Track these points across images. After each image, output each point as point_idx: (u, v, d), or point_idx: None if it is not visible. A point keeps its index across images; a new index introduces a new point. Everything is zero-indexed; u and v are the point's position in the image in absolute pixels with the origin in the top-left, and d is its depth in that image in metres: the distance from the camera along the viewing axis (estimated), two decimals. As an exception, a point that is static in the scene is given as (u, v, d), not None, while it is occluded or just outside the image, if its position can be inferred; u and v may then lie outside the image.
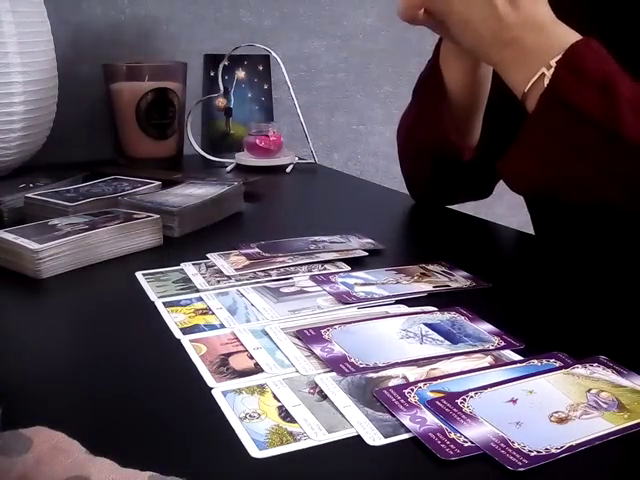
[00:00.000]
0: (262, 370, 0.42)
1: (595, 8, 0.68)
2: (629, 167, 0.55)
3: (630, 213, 0.59)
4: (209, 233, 0.73)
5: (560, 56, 0.56)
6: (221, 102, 1.23)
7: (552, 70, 0.56)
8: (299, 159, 1.14)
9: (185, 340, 0.46)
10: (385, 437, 0.35)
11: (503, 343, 0.46)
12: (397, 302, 0.53)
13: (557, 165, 0.58)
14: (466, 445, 0.34)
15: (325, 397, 0.39)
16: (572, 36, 0.58)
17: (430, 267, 0.61)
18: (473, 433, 0.35)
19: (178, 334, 0.47)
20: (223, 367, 0.42)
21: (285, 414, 0.37)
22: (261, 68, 1.27)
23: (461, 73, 0.73)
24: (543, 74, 0.57)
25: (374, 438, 0.35)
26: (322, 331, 0.47)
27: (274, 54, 1.19)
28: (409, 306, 0.52)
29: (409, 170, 0.86)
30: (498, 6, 0.58)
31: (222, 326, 0.48)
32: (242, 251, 0.64)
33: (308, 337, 0.46)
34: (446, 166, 0.77)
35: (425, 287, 0.56)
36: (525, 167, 0.60)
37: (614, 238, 0.68)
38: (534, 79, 0.57)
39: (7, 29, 0.86)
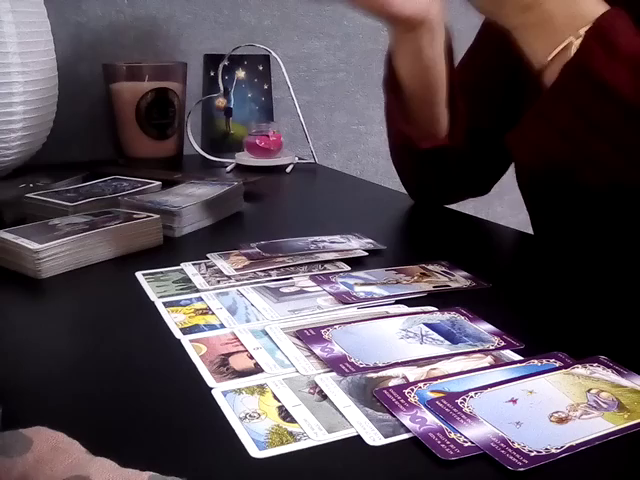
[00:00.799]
0: (262, 370, 0.42)
1: None
2: None
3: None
4: (209, 233, 0.73)
5: (590, 25, 0.52)
6: (221, 102, 1.23)
7: (580, 40, 0.52)
8: (299, 159, 1.15)
9: (185, 340, 0.46)
10: (385, 437, 0.35)
11: (503, 343, 0.46)
12: (397, 302, 0.53)
13: (577, 141, 0.55)
14: (466, 445, 0.34)
15: (325, 397, 0.39)
16: (600, 4, 0.54)
17: (430, 267, 0.61)
18: (473, 433, 0.35)
19: (178, 334, 0.47)
20: (223, 367, 0.42)
21: (285, 414, 0.37)
22: (261, 68, 1.27)
23: (408, 59, 0.71)
24: (570, 43, 0.53)
25: (374, 438, 0.35)
26: (322, 331, 0.47)
27: (274, 54, 1.19)
28: (409, 306, 0.52)
29: (396, 167, 0.86)
30: None
31: (222, 326, 0.48)
32: (242, 251, 0.63)
33: (308, 337, 0.46)
34: (423, 159, 0.77)
35: (425, 287, 0.56)
36: (541, 140, 0.57)
37: (614, 238, 0.68)
38: (560, 48, 0.53)
39: (7, 29, 0.86)
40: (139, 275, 0.58)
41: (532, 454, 0.33)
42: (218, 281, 0.57)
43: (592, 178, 0.59)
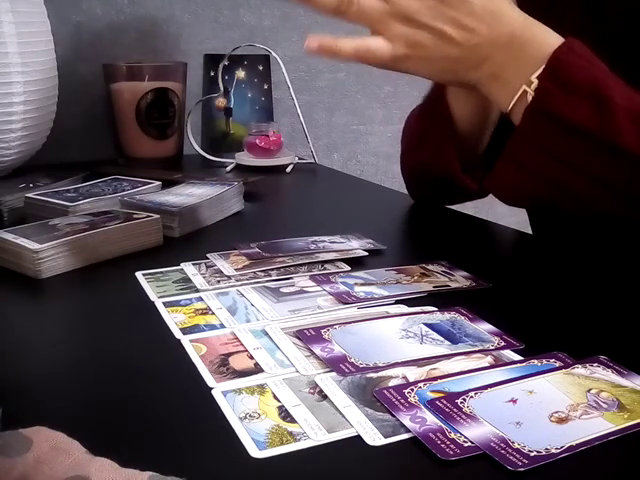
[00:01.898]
0: (262, 370, 0.42)
1: (589, 5, 0.68)
2: (632, 178, 0.54)
3: (635, 219, 0.58)
4: (209, 233, 0.73)
5: (542, 69, 0.53)
6: (221, 102, 1.23)
7: (534, 85, 0.53)
8: (299, 159, 1.15)
9: (185, 340, 0.46)
10: (385, 437, 0.35)
11: (503, 343, 0.46)
12: (397, 302, 0.53)
13: (551, 180, 0.56)
14: (466, 445, 0.34)
15: (325, 397, 0.39)
16: (550, 40, 0.54)
17: (430, 267, 0.61)
18: (473, 433, 0.35)
19: (178, 334, 0.47)
20: (223, 367, 0.42)
21: (285, 414, 0.37)
22: (261, 68, 1.27)
23: (470, 104, 0.70)
24: (525, 91, 0.54)
25: (374, 438, 0.35)
26: (322, 331, 0.47)
27: (274, 54, 1.19)
28: (409, 306, 0.52)
29: (409, 181, 0.86)
30: (454, 36, 0.54)
31: (222, 326, 0.48)
32: (242, 251, 0.63)
33: (308, 337, 0.46)
34: (448, 186, 0.76)
35: (425, 287, 0.56)
36: (518, 182, 0.58)
37: (613, 238, 0.68)
38: (517, 96, 0.55)
39: (7, 29, 0.86)
40: (139, 275, 0.58)
41: (532, 454, 0.33)
42: (218, 281, 0.57)
43: (575, 210, 0.60)
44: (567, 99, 0.53)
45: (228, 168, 1.09)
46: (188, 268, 0.60)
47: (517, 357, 0.44)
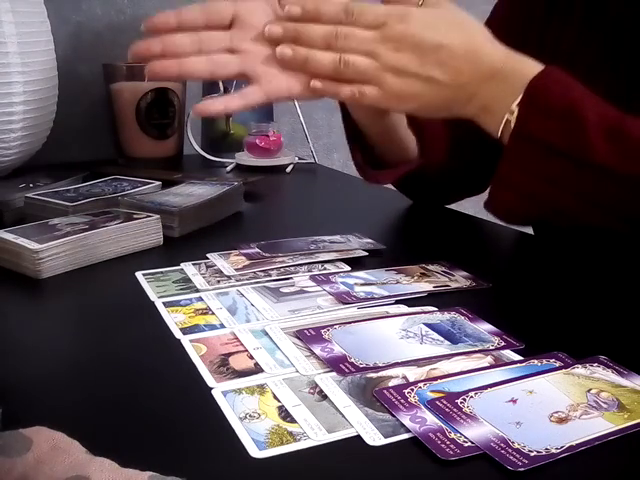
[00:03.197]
0: (262, 370, 0.42)
1: (591, 8, 0.68)
2: (614, 192, 0.55)
3: (631, 233, 0.59)
4: (209, 233, 0.73)
5: (520, 97, 0.56)
6: (221, 102, 1.23)
7: (515, 112, 0.56)
8: (299, 159, 1.15)
9: (185, 340, 0.46)
10: (385, 437, 0.35)
11: (503, 343, 0.46)
12: (397, 302, 0.53)
13: (541, 200, 0.58)
14: (466, 445, 0.34)
15: (325, 397, 0.39)
16: (529, 69, 0.56)
17: (430, 267, 0.61)
18: (473, 433, 0.35)
19: (178, 334, 0.47)
20: (223, 367, 0.42)
21: (285, 414, 0.37)
22: (261, 68, 1.26)
23: (370, 119, 0.73)
24: (508, 120, 0.57)
25: (374, 438, 0.35)
26: (322, 331, 0.47)
27: (274, 54, 1.18)
28: (409, 306, 0.52)
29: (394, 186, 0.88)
30: (442, 80, 0.56)
31: (222, 326, 0.48)
32: (242, 251, 0.63)
33: (308, 337, 0.46)
34: (407, 182, 0.80)
35: (425, 287, 0.56)
36: (512, 205, 0.60)
37: (613, 238, 0.68)
38: (502, 125, 0.57)
39: (7, 29, 0.86)
40: (139, 275, 0.58)
41: (532, 454, 0.33)
42: (218, 281, 0.57)
43: (570, 225, 0.62)
44: (544, 122, 0.55)
45: (228, 168, 1.09)
46: (188, 268, 0.60)
47: (517, 357, 0.44)
